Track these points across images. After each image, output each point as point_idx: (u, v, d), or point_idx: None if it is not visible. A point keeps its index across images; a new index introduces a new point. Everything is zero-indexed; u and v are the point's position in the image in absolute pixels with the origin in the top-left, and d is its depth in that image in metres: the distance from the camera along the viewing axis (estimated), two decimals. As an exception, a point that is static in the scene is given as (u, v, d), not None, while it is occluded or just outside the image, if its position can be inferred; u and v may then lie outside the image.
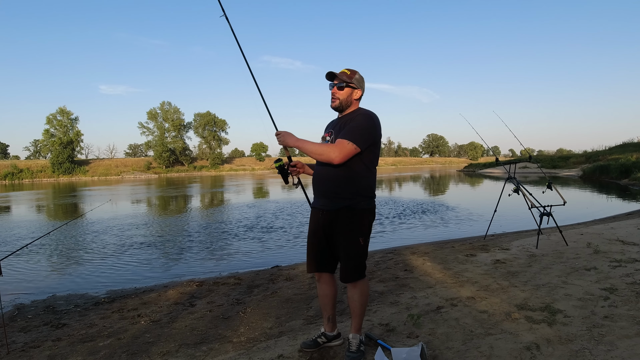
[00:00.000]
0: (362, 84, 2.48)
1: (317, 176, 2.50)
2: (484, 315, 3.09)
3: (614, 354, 2.37)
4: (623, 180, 23.12)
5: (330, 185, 2.40)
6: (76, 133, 70.41)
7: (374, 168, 2.46)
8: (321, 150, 2.31)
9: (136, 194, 27.28)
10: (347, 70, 2.45)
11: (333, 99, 2.46)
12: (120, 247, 8.32)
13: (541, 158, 48.43)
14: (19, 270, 6.69)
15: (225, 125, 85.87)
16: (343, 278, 2.45)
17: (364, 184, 2.40)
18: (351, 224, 2.38)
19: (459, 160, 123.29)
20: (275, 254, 7.43)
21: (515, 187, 6.01)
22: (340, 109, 2.48)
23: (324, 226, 2.46)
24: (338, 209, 2.39)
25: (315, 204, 2.54)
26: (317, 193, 2.51)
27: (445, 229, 9.48)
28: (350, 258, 2.41)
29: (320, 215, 2.47)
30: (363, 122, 2.37)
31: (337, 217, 2.40)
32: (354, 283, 2.46)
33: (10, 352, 3.28)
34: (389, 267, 5.19)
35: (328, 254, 2.52)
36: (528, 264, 4.73)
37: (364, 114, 2.43)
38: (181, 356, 2.92)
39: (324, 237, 2.48)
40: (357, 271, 2.44)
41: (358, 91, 2.47)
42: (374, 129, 2.39)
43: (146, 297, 4.81)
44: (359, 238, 2.40)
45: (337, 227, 2.41)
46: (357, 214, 2.39)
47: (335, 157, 2.28)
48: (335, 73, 2.44)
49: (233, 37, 2.81)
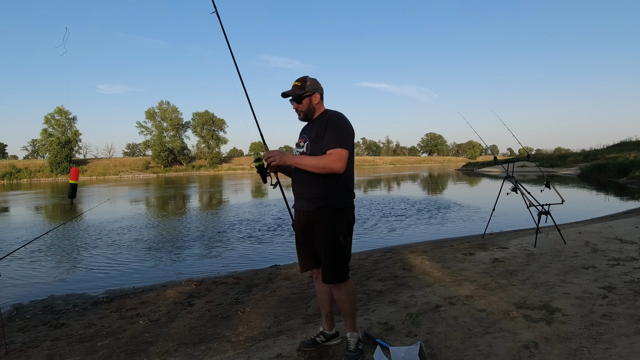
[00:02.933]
0: (316, 86, 2.51)
1: (296, 178, 2.53)
2: (483, 314, 3.10)
3: (612, 352, 2.37)
4: (621, 178, 23.15)
5: (309, 187, 2.42)
6: (74, 132, 70.20)
7: (351, 167, 2.48)
8: (323, 164, 2.34)
9: (135, 193, 27.24)
10: (297, 83, 2.50)
11: (297, 112, 2.52)
12: (119, 247, 8.31)
13: (539, 157, 48.53)
14: (18, 270, 6.67)
15: (224, 125, 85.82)
16: (325, 279, 2.45)
17: (341, 183, 2.42)
18: (331, 222, 2.40)
19: (457, 159, 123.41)
20: (273, 253, 7.42)
21: (513, 186, 6.01)
22: (307, 118, 2.54)
23: (307, 226, 2.48)
24: (317, 209, 2.40)
25: (295, 206, 2.57)
26: (297, 195, 2.53)
27: (443, 228, 9.49)
28: (331, 258, 2.41)
29: (301, 216, 2.50)
30: (339, 124, 2.41)
31: (316, 217, 2.42)
32: (338, 285, 2.46)
33: (9, 352, 3.27)
34: (388, 266, 5.19)
35: (317, 251, 2.53)
36: (526, 262, 4.73)
37: (334, 115, 2.46)
38: (180, 356, 2.92)
39: (309, 237, 2.50)
40: (340, 272, 2.43)
41: (316, 95, 2.50)
42: (350, 127, 2.45)
43: (145, 297, 4.80)
44: (339, 237, 2.40)
45: (317, 227, 2.42)
46: (336, 212, 2.41)
47: (339, 168, 2.34)
48: (287, 92, 2.49)
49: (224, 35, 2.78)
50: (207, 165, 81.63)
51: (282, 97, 2.52)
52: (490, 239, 6.81)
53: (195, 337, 3.28)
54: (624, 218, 8.63)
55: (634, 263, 4.36)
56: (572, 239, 5.91)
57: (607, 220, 8.61)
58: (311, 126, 2.50)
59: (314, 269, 2.62)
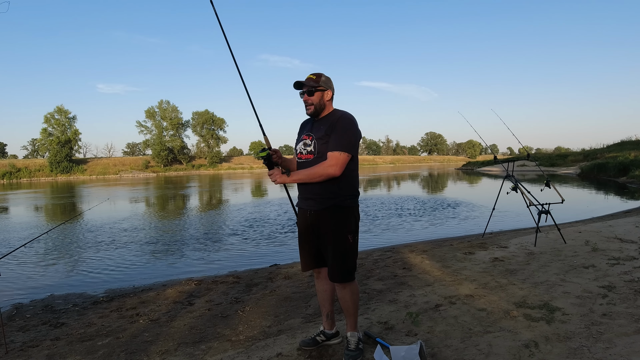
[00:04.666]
0: (330, 84, 2.50)
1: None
2: (483, 313, 3.10)
3: (613, 351, 2.37)
4: (621, 178, 23.16)
5: (315, 187, 2.41)
6: (74, 132, 70.09)
7: (356, 167, 2.48)
8: (319, 173, 2.34)
9: (134, 193, 27.23)
10: (312, 76, 2.47)
11: (307, 106, 2.47)
12: (119, 246, 8.30)
13: (539, 156, 48.51)
14: (17, 269, 6.67)
15: (224, 124, 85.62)
16: (332, 277, 2.44)
17: (347, 183, 2.42)
18: (338, 222, 2.40)
19: (457, 158, 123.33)
20: (273, 252, 7.42)
21: (513, 185, 6.01)
22: (316, 113, 2.49)
23: (312, 226, 2.47)
24: (324, 209, 2.40)
25: (301, 205, 2.55)
26: (303, 194, 2.52)
27: (443, 227, 9.49)
28: (339, 256, 2.40)
29: (307, 215, 2.49)
30: (347, 126, 2.39)
31: (324, 217, 2.41)
32: (343, 284, 2.46)
33: (9, 352, 3.27)
34: (388, 265, 5.19)
35: (321, 250, 2.52)
36: (526, 261, 4.74)
37: (344, 117, 2.43)
38: (180, 355, 2.92)
39: (314, 236, 2.49)
40: (348, 271, 2.43)
41: (328, 92, 2.48)
42: (358, 132, 2.44)
43: (145, 296, 4.80)
44: (347, 235, 2.40)
45: (324, 226, 2.42)
46: (343, 212, 2.41)
47: (335, 172, 2.34)
48: (302, 81, 2.46)
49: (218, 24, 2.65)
50: (207, 165, 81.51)
51: (295, 87, 2.47)
52: (490, 238, 6.81)
53: (195, 337, 3.28)
54: (623, 217, 8.63)
55: (633, 262, 4.36)
56: (572, 238, 5.91)
57: (607, 219, 8.62)
58: (318, 124, 2.47)
59: (315, 269, 2.62)
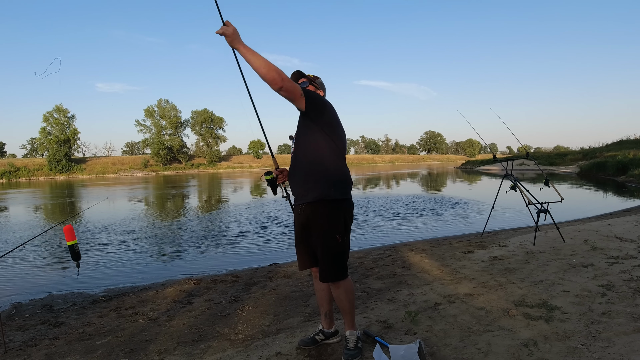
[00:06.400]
0: (323, 88, 2.63)
1: (290, 170, 2.55)
2: (482, 312, 3.10)
3: (611, 350, 2.37)
4: (620, 177, 23.17)
5: (302, 175, 2.43)
6: (73, 131, 70.05)
7: (343, 159, 2.47)
8: (265, 66, 2.09)
9: (133, 192, 27.20)
10: (309, 75, 2.59)
11: None
12: (118, 245, 8.30)
13: (538, 155, 48.51)
14: (16, 269, 6.66)
15: (223, 123, 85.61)
16: (323, 277, 2.44)
17: (333, 174, 2.40)
18: (327, 221, 2.37)
19: (456, 157, 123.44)
20: (272, 251, 7.42)
21: (512, 184, 6.02)
22: None
23: (303, 223, 2.47)
24: (312, 202, 2.39)
25: (294, 202, 2.57)
26: (292, 187, 2.55)
27: (442, 226, 9.49)
28: (328, 257, 2.39)
29: (299, 212, 2.48)
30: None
31: (313, 213, 2.40)
32: (336, 283, 2.45)
33: (8, 351, 3.27)
34: (387, 264, 5.19)
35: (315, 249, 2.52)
36: (525, 260, 4.74)
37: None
38: (179, 354, 2.92)
39: (308, 234, 2.49)
40: (338, 271, 2.42)
41: (320, 92, 2.57)
42: (324, 100, 2.46)
43: (144, 295, 4.80)
44: (336, 235, 2.39)
45: (314, 225, 2.41)
46: (332, 209, 2.38)
47: (273, 79, 2.08)
48: (303, 72, 2.57)
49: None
50: (206, 164, 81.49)
51: (295, 75, 2.56)
52: (490, 237, 6.81)
53: (194, 336, 3.28)
54: (622, 216, 8.64)
55: (632, 261, 4.37)
56: (571, 237, 5.92)
57: (606, 218, 8.63)
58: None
59: (312, 267, 2.61)
